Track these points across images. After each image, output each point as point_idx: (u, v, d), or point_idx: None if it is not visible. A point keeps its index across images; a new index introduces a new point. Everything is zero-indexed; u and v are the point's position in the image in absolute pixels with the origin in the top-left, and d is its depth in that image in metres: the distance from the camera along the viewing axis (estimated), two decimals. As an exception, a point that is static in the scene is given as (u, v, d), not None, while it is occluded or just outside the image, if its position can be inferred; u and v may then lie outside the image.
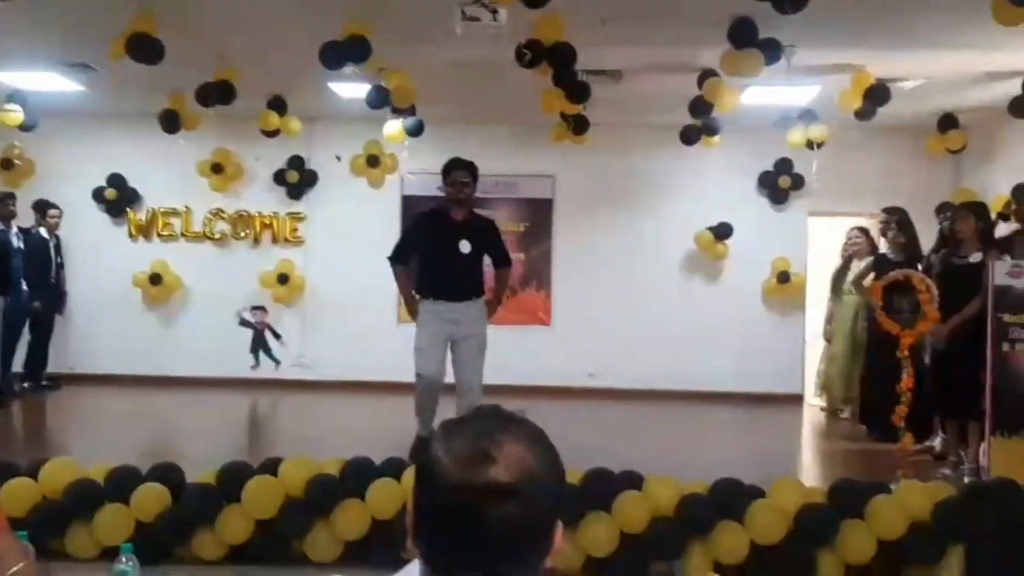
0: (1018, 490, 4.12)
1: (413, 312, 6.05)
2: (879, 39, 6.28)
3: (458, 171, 5.93)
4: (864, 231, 8.10)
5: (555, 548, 1.25)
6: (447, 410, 5.53)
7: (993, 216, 6.91)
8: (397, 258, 6.18)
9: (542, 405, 8.58)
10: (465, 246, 5.91)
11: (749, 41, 5.80)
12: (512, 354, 9.36)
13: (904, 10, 5.66)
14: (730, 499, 4.34)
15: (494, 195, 9.87)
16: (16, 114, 8.28)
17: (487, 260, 6.22)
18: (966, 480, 5.49)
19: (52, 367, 9.38)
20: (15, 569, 1.45)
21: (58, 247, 9.28)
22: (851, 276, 7.81)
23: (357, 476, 4.48)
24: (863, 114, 7.19)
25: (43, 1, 4.84)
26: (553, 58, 5.86)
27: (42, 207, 9.13)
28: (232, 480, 4.49)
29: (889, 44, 6.40)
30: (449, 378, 6.08)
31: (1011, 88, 6.93)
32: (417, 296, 6.04)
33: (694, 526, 4.27)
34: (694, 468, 4.91)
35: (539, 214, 9.92)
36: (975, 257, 5.85)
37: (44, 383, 9.19)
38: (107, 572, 2.78)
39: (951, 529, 4.00)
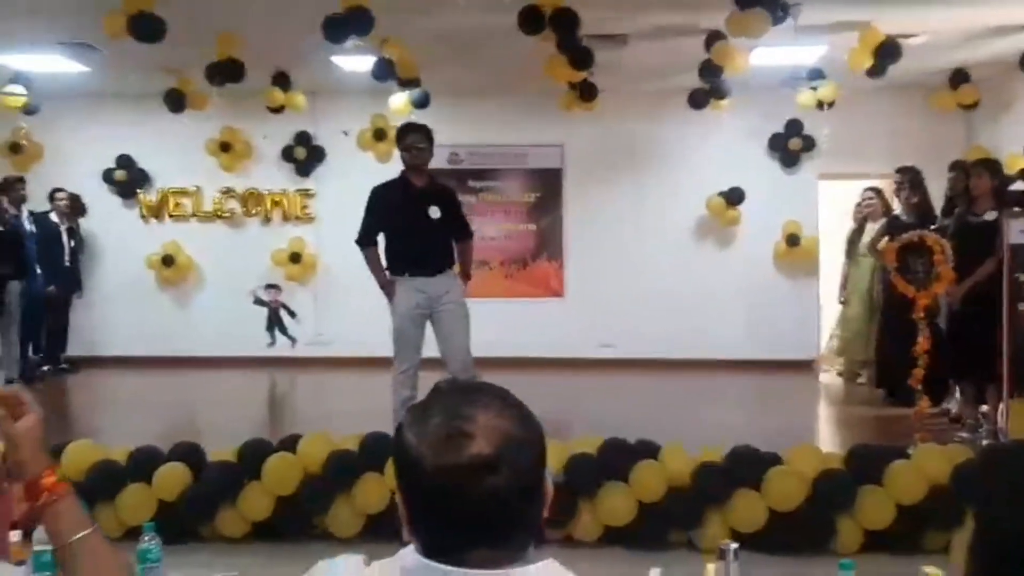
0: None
1: (391, 294, 5.67)
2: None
3: (413, 135, 5.62)
4: (878, 192, 8.03)
5: (548, 498, 1.27)
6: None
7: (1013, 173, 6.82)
8: (366, 240, 5.76)
9: (557, 377, 8.63)
10: (435, 211, 5.63)
11: (754, 1, 5.72)
12: (526, 326, 9.41)
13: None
14: (746, 467, 4.35)
15: (503, 166, 9.85)
16: (20, 97, 8.27)
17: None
18: (984, 443, 5.48)
19: (69, 350, 9.45)
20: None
21: (71, 231, 9.29)
22: (865, 238, 7.76)
23: (375, 450, 4.51)
24: (874, 72, 7.10)
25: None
26: (556, 24, 5.79)
27: (52, 192, 9.17)
28: (252, 457, 4.53)
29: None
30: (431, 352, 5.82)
31: (1021, 42, 6.82)
32: (389, 275, 5.73)
33: (711, 494, 4.28)
34: (710, 436, 4.91)
35: (549, 184, 9.87)
36: (990, 215, 5.78)
37: (63, 366, 9.27)
38: (131, 551, 2.81)
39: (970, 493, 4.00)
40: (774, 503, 4.23)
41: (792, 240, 9.51)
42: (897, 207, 7.40)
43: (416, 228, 5.64)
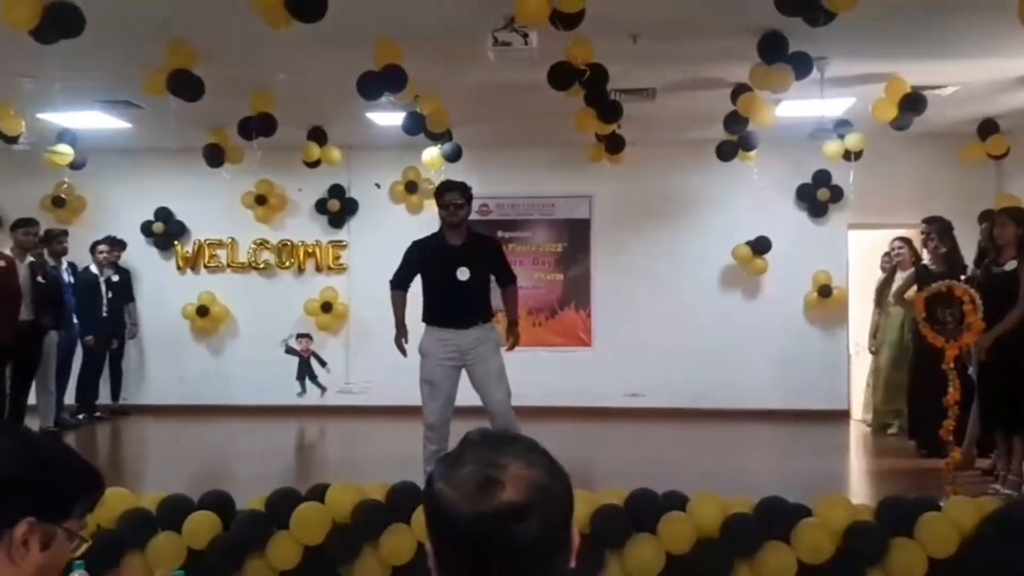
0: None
1: (400, 338, 5.84)
2: (911, 47, 6.24)
3: (451, 193, 5.74)
4: (907, 241, 8.00)
5: (575, 546, 1.29)
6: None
7: None
8: (397, 284, 5.96)
9: (585, 426, 8.61)
10: (463, 273, 5.68)
11: (779, 55, 5.80)
12: (554, 376, 9.40)
13: (935, 17, 5.63)
14: (776, 518, 4.30)
15: (531, 217, 9.96)
16: (66, 153, 8.55)
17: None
18: (1006, 491, 5.40)
19: (105, 399, 9.59)
20: None
21: (109, 281, 9.43)
22: (894, 288, 7.73)
23: (403, 501, 4.50)
24: (899, 123, 7.13)
25: (84, 41, 5.01)
26: (586, 78, 5.91)
27: (103, 243, 9.38)
28: (281, 506, 4.55)
29: (922, 52, 6.35)
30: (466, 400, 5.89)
31: (1051, 93, 6.83)
32: (424, 323, 5.83)
33: (740, 546, 4.24)
34: (738, 487, 4.87)
35: (577, 234, 9.95)
36: (1011, 265, 5.75)
37: (98, 414, 9.39)
38: (162, 600, 2.85)
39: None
40: (804, 555, 4.17)
41: (824, 291, 9.46)
42: (925, 257, 7.37)
43: (446, 287, 5.74)
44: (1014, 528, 3.96)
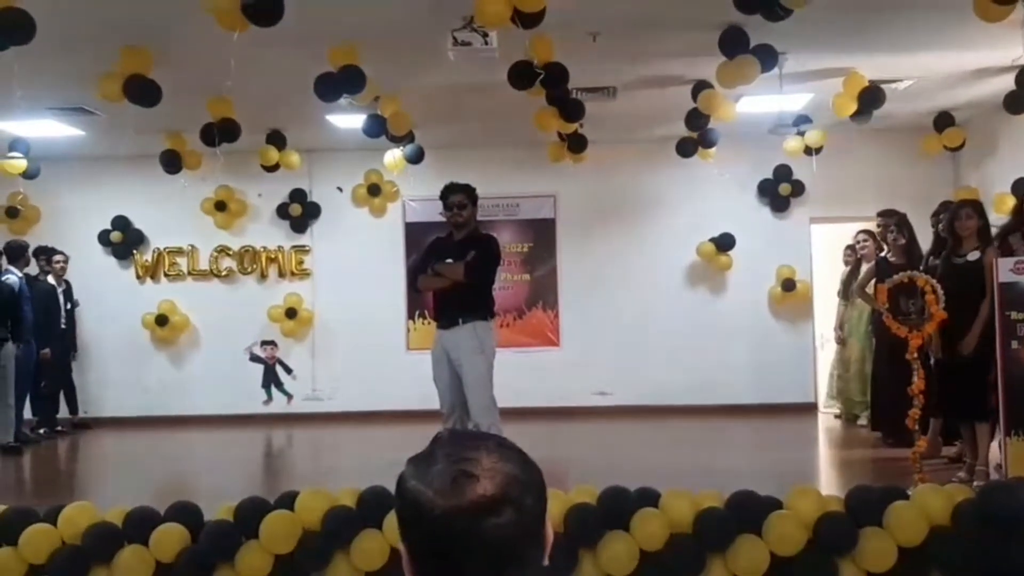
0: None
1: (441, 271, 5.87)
2: (868, 41, 6.32)
3: (454, 195, 5.88)
4: (871, 234, 8.10)
5: (549, 542, 1.27)
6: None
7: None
8: (411, 281, 6.32)
9: (555, 426, 8.60)
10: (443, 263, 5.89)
11: (741, 50, 5.84)
12: (523, 376, 9.38)
13: (891, 11, 5.70)
14: (747, 511, 4.32)
15: (496, 217, 9.92)
16: (19, 162, 8.37)
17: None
18: (976, 482, 5.46)
19: (66, 412, 9.41)
20: None
21: (68, 293, 9.30)
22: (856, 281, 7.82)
23: (373, 506, 4.46)
24: (858, 117, 7.21)
25: (35, 47, 4.89)
26: (546, 78, 5.90)
27: (46, 253, 9.17)
28: (249, 516, 4.48)
29: (878, 46, 6.43)
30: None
31: (1006, 84, 6.93)
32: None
33: (712, 541, 4.25)
34: (709, 482, 4.89)
35: (542, 234, 9.95)
36: (973, 255, 5.83)
37: (59, 428, 9.21)
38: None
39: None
40: (776, 548, 4.20)
41: (788, 285, 9.55)
42: (884, 250, 7.46)
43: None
44: (989, 516, 4.00)
